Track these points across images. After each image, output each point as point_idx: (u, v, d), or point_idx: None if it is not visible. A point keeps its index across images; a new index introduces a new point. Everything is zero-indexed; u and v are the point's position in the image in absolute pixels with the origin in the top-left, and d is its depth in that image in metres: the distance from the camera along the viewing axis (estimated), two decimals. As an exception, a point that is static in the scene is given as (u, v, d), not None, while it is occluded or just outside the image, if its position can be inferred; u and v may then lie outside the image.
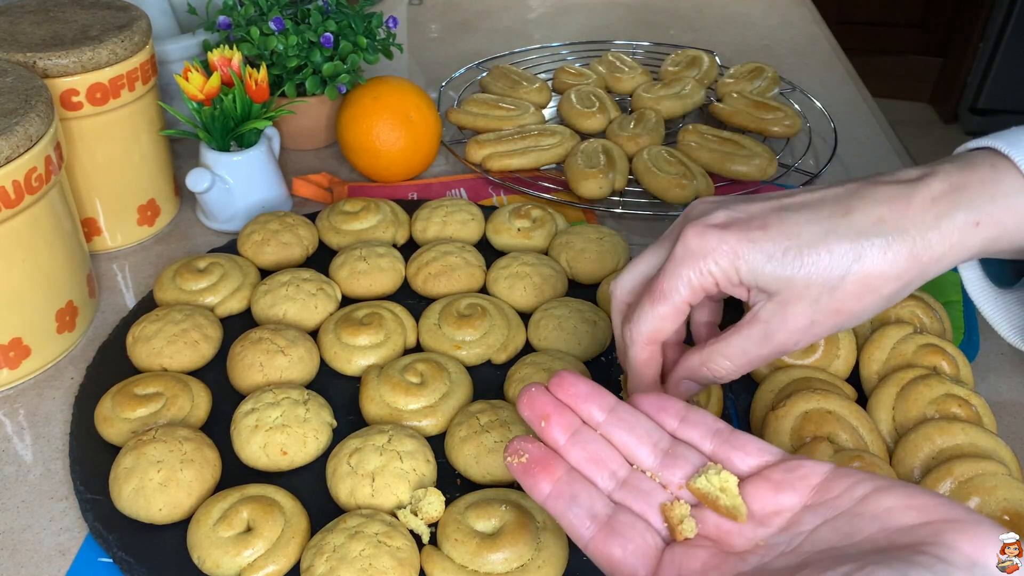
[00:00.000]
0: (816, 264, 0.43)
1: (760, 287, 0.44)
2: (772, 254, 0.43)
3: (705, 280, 0.44)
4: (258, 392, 0.60)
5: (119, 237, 0.80)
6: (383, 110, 0.85)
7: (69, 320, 0.69)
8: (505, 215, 0.78)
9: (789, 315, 0.44)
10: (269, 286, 0.69)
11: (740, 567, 0.37)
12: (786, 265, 0.43)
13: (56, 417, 0.64)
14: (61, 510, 0.57)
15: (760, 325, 0.45)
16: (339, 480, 0.54)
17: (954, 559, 0.32)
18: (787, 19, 1.30)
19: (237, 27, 0.86)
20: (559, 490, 0.41)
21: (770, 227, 0.43)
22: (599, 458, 0.42)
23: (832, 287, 0.43)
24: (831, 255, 0.42)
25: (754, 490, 0.39)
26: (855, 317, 0.44)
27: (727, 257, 0.44)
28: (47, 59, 0.68)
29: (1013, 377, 0.67)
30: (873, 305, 0.44)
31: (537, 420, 0.43)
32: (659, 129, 0.91)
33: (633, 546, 0.39)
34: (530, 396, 0.44)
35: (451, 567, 0.50)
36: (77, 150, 0.73)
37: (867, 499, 0.36)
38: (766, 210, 0.45)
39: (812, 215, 0.44)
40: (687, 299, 0.45)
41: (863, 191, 0.44)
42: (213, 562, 0.50)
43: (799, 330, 0.44)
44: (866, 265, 0.42)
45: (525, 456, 0.43)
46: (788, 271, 0.43)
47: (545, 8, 1.34)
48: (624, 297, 0.50)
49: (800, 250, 0.43)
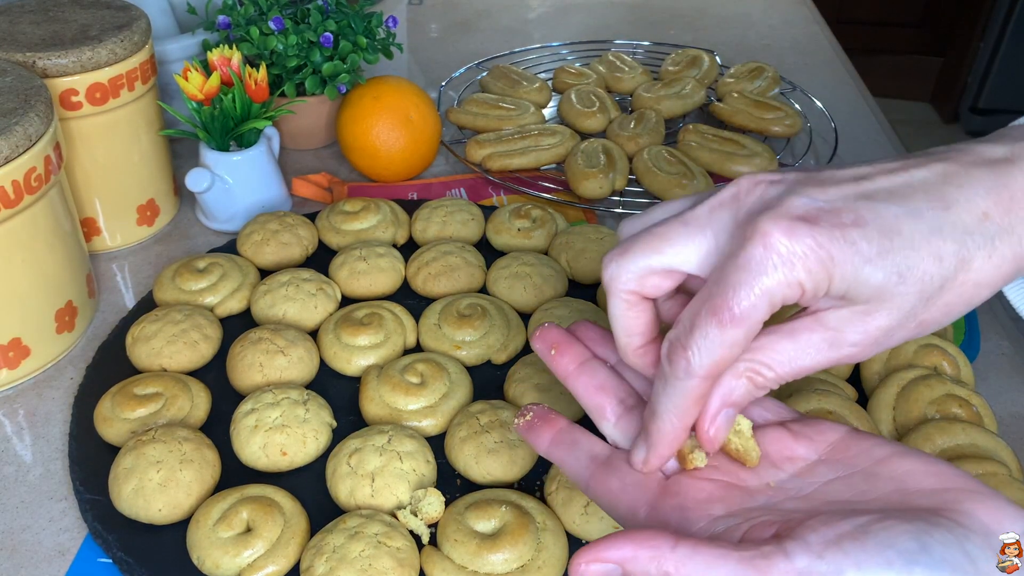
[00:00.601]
0: (920, 270, 0.34)
1: (848, 297, 0.35)
2: (869, 257, 0.34)
3: (792, 293, 0.34)
4: (258, 392, 0.60)
5: (119, 237, 0.80)
6: (383, 110, 0.85)
7: (69, 320, 0.69)
8: (505, 215, 0.78)
9: (868, 324, 0.35)
10: (269, 286, 0.69)
11: (747, 502, 0.36)
12: (886, 271, 0.34)
13: (56, 417, 0.64)
14: (61, 510, 0.57)
15: (826, 333, 0.36)
16: (339, 480, 0.54)
17: (972, 526, 0.31)
18: (787, 19, 1.30)
19: (237, 27, 0.86)
20: (559, 439, 0.42)
21: (866, 222, 0.34)
22: (607, 386, 0.42)
23: (928, 297, 0.35)
24: (937, 261, 0.34)
25: (770, 435, 0.39)
26: (932, 327, 0.37)
27: (821, 264, 0.34)
28: (47, 59, 0.68)
29: (1013, 377, 0.67)
30: (956, 315, 0.37)
31: (547, 349, 0.43)
32: (659, 129, 0.91)
33: (631, 478, 0.39)
34: (543, 330, 0.44)
35: (451, 567, 0.49)
36: (77, 150, 0.73)
37: (885, 460, 0.36)
38: (849, 197, 0.35)
39: (908, 207, 0.35)
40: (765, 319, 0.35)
41: (956, 177, 0.36)
42: (213, 562, 0.50)
43: (871, 342, 0.36)
44: (972, 273, 0.35)
45: (529, 415, 0.43)
46: (887, 278, 0.34)
47: (545, 8, 1.34)
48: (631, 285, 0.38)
49: (902, 253, 0.34)
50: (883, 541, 0.31)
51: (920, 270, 0.34)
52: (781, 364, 0.37)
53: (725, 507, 0.36)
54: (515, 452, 0.56)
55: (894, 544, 0.31)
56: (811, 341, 0.36)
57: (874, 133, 1.01)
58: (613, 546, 0.33)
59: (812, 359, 0.37)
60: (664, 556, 0.33)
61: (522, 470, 0.56)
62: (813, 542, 0.31)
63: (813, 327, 0.36)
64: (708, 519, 0.36)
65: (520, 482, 0.57)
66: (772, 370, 0.37)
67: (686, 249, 0.37)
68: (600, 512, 0.52)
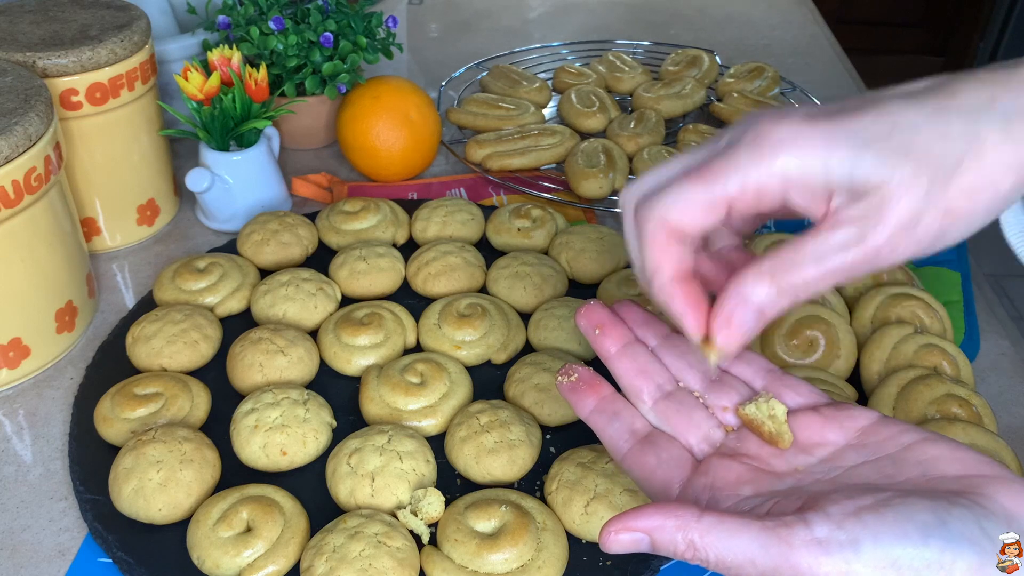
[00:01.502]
0: (928, 147, 0.34)
1: (856, 184, 0.34)
2: (876, 136, 0.34)
3: (771, 182, 0.35)
4: (258, 392, 0.60)
5: (119, 237, 0.80)
6: (383, 110, 0.85)
7: (68, 320, 0.69)
8: (505, 215, 0.78)
9: (890, 212, 0.34)
10: (269, 286, 0.69)
11: (775, 485, 0.37)
12: (893, 148, 0.34)
13: (56, 417, 0.64)
14: (61, 510, 0.57)
15: (849, 226, 0.35)
16: (339, 480, 0.54)
17: (992, 507, 0.32)
18: (787, 19, 1.30)
19: (237, 27, 0.86)
20: (602, 406, 0.43)
21: (865, 112, 0.35)
22: (647, 371, 0.43)
23: (946, 178, 0.34)
24: (944, 138, 0.34)
25: (801, 420, 0.40)
26: (965, 222, 0.35)
27: (817, 147, 0.34)
28: (47, 59, 0.68)
29: (1013, 377, 0.67)
30: (986, 205, 0.35)
31: (592, 328, 0.45)
32: (659, 129, 0.91)
33: (667, 455, 0.40)
34: (588, 308, 0.45)
35: (451, 567, 0.49)
36: (77, 150, 0.73)
37: (913, 446, 0.36)
38: (853, 102, 0.36)
39: (912, 100, 0.35)
40: (733, 196, 0.36)
41: (959, 77, 0.36)
42: (213, 562, 0.50)
43: (902, 229, 0.34)
44: (988, 151, 0.34)
45: (575, 376, 0.44)
46: (895, 155, 0.34)
47: (545, 8, 1.34)
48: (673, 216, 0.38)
49: (903, 135, 0.34)
50: (902, 514, 0.32)
51: (924, 148, 0.34)
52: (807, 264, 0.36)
53: (753, 488, 0.37)
54: (515, 452, 0.56)
55: (912, 517, 0.31)
56: (836, 238, 0.35)
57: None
58: (642, 516, 0.35)
59: (841, 257, 0.35)
60: (690, 525, 0.34)
61: (522, 470, 0.56)
62: (834, 513, 0.32)
63: (837, 224, 0.35)
64: (736, 499, 0.37)
65: (520, 482, 0.57)
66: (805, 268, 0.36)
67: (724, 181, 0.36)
68: (600, 513, 0.52)
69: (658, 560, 0.52)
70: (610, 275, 0.72)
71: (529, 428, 0.58)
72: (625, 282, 0.70)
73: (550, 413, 0.60)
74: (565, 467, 0.55)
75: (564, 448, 0.58)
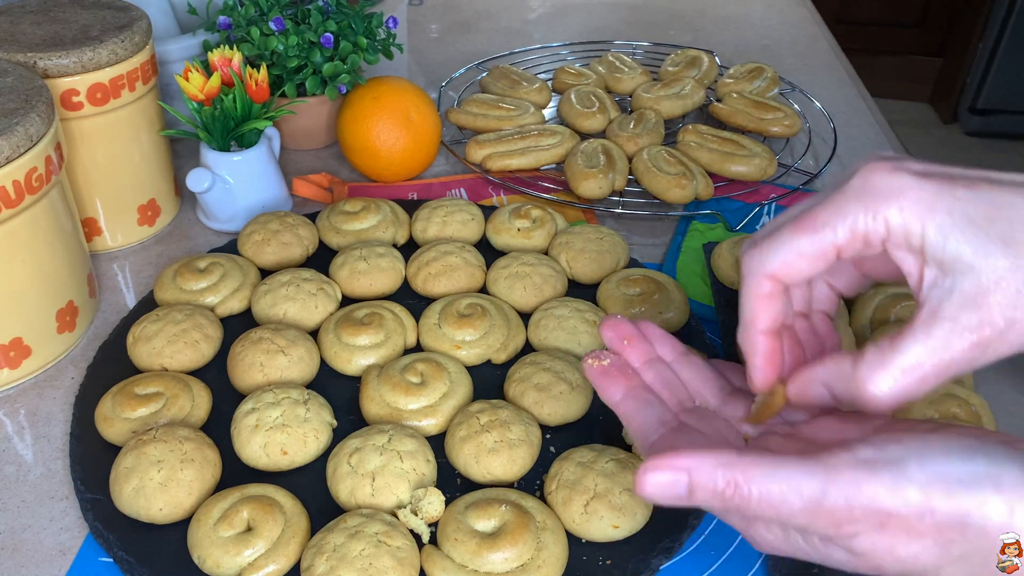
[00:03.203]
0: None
1: (947, 261, 0.34)
2: (975, 219, 0.33)
3: (876, 227, 0.35)
4: (258, 392, 0.60)
5: (119, 237, 0.80)
6: (383, 110, 0.85)
7: (69, 320, 0.69)
8: (505, 215, 0.78)
9: (983, 310, 0.34)
10: (269, 286, 0.69)
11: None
12: (992, 237, 0.33)
13: (56, 417, 0.64)
14: (61, 510, 0.57)
15: (944, 324, 0.34)
16: (339, 480, 0.54)
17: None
18: (787, 19, 1.30)
19: (237, 27, 0.86)
20: (634, 394, 0.44)
21: (978, 189, 0.34)
22: (671, 385, 0.45)
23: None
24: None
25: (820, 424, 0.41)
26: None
27: (918, 206, 0.34)
28: (47, 59, 0.68)
29: (1013, 377, 0.67)
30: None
31: (620, 340, 0.46)
32: (659, 129, 0.92)
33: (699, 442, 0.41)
34: (614, 320, 0.47)
35: (451, 567, 0.50)
36: (77, 150, 0.73)
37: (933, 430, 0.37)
38: (973, 174, 0.36)
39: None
40: (841, 243, 0.36)
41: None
42: (213, 562, 0.50)
43: (994, 333, 0.34)
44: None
45: (607, 360, 0.45)
46: (993, 244, 0.33)
47: (545, 8, 1.34)
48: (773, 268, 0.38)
49: (1012, 222, 0.33)
50: (944, 439, 0.33)
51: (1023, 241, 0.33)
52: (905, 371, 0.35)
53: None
54: (515, 452, 0.56)
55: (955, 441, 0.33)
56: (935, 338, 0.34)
57: (873, 133, 1.01)
58: (680, 455, 0.35)
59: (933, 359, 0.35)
60: (731, 462, 0.34)
61: (522, 469, 0.56)
62: (876, 441, 0.34)
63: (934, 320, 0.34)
64: None
65: (520, 482, 0.57)
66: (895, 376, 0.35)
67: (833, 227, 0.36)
68: (599, 512, 0.52)
69: (658, 560, 0.52)
70: (610, 275, 0.72)
71: (529, 428, 0.58)
72: (625, 282, 0.70)
73: (550, 413, 0.60)
74: (565, 467, 0.55)
75: (564, 448, 0.58)
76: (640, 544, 0.53)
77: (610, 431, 0.60)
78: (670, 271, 0.76)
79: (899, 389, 0.35)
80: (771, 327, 0.40)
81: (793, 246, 0.37)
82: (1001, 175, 0.36)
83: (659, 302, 0.68)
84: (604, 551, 0.52)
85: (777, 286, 0.39)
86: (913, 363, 0.35)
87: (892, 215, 0.34)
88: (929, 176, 0.35)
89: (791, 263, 0.37)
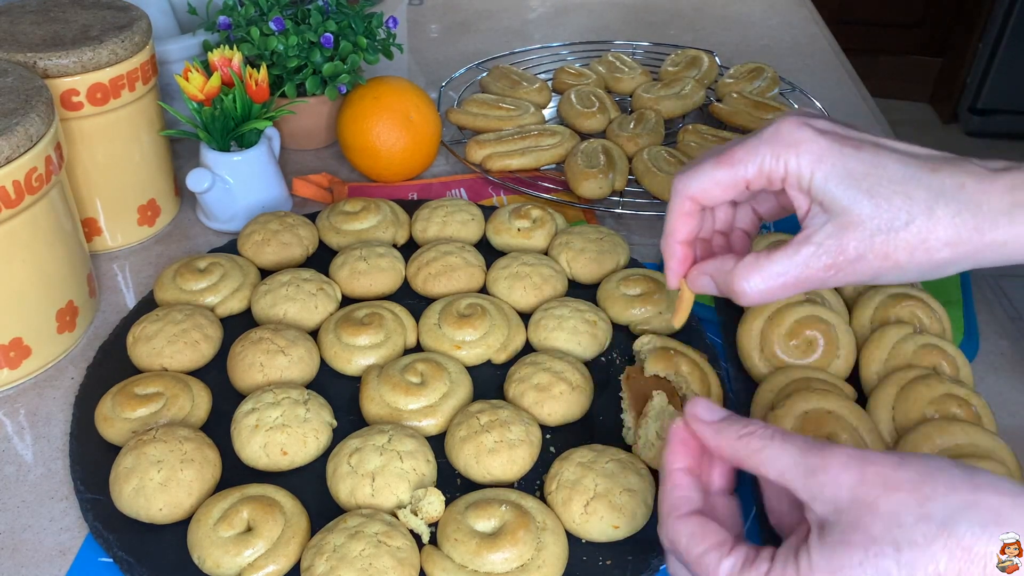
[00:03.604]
0: (890, 200, 0.42)
1: (825, 202, 0.43)
2: (853, 173, 0.42)
3: (777, 169, 0.44)
4: (258, 392, 0.60)
5: (119, 237, 0.80)
6: (383, 110, 0.85)
7: (69, 320, 0.69)
8: (505, 215, 0.78)
9: (843, 243, 0.43)
10: (269, 286, 0.69)
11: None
12: (862, 188, 0.42)
13: (56, 417, 0.64)
14: (61, 510, 0.57)
15: (810, 247, 0.43)
16: (339, 480, 0.54)
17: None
18: (787, 19, 1.30)
19: (237, 27, 0.86)
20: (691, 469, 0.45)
21: (863, 150, 0.43)
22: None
23: (894, 229, 0.42)
24: (907, 198, 0.42)
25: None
26: (897, 270, 0.43)
27: (811, 157, 0.43)
28: (47, 59, 0.68)
29: (1013, 377, 0.67)
30: (919, 266, 0.43)
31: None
32: (659, 129, 0.92)
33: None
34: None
35: (451, 567, 0.50)
36: (77, 150, 0.73)
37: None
38: (864, 137, 0.44)
39: (903, 159, 0.43)
40: (750, 177, 0.45)
41: (952, 160, 0.44)
42: (213, 562, 0.50)
43: (846, 261, 0.43)
44: (934, 221, 0.42)
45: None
46: (861, 195, 0.42)
47: (545, 8, 1.34)
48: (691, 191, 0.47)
49: (880, 180, 0.42)
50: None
51: (890, 199, 0.42)
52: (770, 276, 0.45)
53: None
54: (515, 452, 0.56)
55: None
56: (799, 255, 0.44)
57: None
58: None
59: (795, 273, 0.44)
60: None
61: (522, 469, 0.56)
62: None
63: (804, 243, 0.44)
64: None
65: (520, 482, 0.57)
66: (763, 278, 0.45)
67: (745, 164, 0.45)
68: (600, 512, 0.52)
69: (658, 559, 0.52)
70: (610, 275, 0.72)
71: (529, 428, 0.58)
72: (625, 282, 0.70)
73: (550, 413, 0.60)
74: (565, 467, 0.55)
75: (564, 448, 0.58)
76: (640, 544, 0.53)
77: (610, 431, 0.60)
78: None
79: (764, 289, 0.45)
80: (686, 239, 0.49)
81: (712, 175, 0.46)
82: (888, 142, 0.44)
83: (659, 302, 0.68)
84: (604, 551, 0.52)
85: (695, 206, 0.48)
86: (779, 271, 0.44)
87: (791, 160, 0.43)
88: (826, 133, 0.43)
89: (708, 189, 0.46)
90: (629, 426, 0.59)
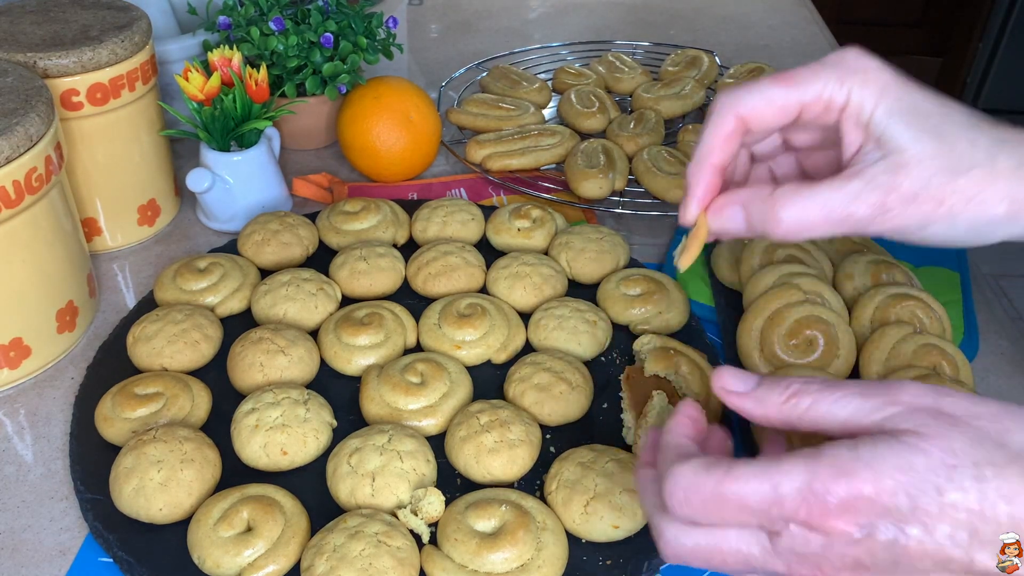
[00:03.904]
0: (953, 144, 0.40)
1: (884, 137, 0.40)
2: (919, 109, 0.40)
3: (839, 96, 0.41)
4: (258, 392, 0.60)
5: (119, 237, 0.80)
6: (383, 110, 0.85)
7: (69, 320, 0.69)
8: (505, 215, 0.78)
9: (898, 180, 0.40)
10: (269, 286, 0.69)
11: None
12: (926, 127, 0.40)
13: (56, 417, 0.64)
14: (61, 510, 0.57)
15: (859, 182, 0.40)
16: (339, 480, 0.54)
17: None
18: (787, 19, 1.30)
19: (237, 27, 0.86)
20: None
21: (928, 91, 0.41)
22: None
23: (954, 172, 0.40)
24: (971, 144, 0.40)
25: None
26: (949, 219, 0.40)
27: (877, 87, 0.40)
28: (47, 59, 0.68)
29: (1013, 377, 0.67)
30: (970, 220, 0.40)
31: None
32: (659, 129, 0.92)
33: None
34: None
35: (451, 567, 0.50)
36: (77, 150, 0.73)
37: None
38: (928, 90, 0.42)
39: (966, 109, 0.41)
40: (808, 100, 0.41)
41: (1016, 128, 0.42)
42: (213, 562, 0.50)
43: (897, 199, 0.40)
44: (996, 169, 0.40)
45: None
46: (924, 133, 0.40)
47: (545, 8, 1.34)
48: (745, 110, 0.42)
49: (945, 121, 0.40)
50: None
51: (952, 143, 0.39)
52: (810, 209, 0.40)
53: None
54: (515, 452, 0.56)
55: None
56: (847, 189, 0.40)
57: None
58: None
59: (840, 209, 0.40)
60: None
61: (522, 469, 0.56)
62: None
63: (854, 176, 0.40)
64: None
65: (520, 482, 0.57)
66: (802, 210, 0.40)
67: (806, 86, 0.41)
68: (600, 512, 0.52)
69: (658, 559, 0.52)
70: (610, 275, 0.72)
71: (529, 428, 0.58)
72: (625, 282, 0.70)
73: (550, 413, 0.60)
74: (565, 467, 0.55)
75: (564, 448, 0.58)
76: (640, 544, 0.52)
77: (610, 431, 0.60)
78: (670, 271, 0.76)
79: (803, 219, 0.40)
80: (722, 164, 0.43)
81: (767, 93, 0.41)
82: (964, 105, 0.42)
83: (659, 302, 0.68)
84: (604, 551, 0.52)
85: (740, 127, 0.42)
86: (822, 201, 0.40)
87: (855, 89, 0.40)
88: (894, 71, 0.41)
89: (760, 109, 0.42)
90: (629, 426, 0.59)
